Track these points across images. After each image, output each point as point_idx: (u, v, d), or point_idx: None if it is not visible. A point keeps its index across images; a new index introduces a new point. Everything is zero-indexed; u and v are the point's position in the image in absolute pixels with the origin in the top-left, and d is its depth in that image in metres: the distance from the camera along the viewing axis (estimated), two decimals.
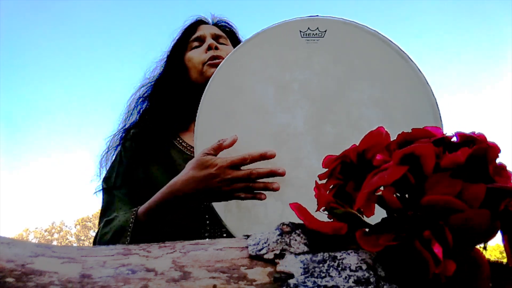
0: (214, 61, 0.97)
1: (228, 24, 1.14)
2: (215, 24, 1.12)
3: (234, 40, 1.11)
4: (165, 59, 1.09)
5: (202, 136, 0.77)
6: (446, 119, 0.72)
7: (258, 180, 0.70)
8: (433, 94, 0.73)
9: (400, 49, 0.74)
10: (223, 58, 0.96)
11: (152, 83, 1.08)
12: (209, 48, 1.00)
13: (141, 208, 0.80)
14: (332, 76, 0.75)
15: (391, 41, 0.74)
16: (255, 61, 0.77)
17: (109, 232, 0.82)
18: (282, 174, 0.70)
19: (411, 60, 0.74)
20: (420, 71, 0.73)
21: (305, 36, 0.76)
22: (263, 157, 0.70)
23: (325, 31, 0.75)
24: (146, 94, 1.07)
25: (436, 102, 0.72)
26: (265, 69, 0.76)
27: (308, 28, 0.76)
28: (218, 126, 0.76)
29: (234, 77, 0.77)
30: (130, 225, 0.79)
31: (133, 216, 0.80)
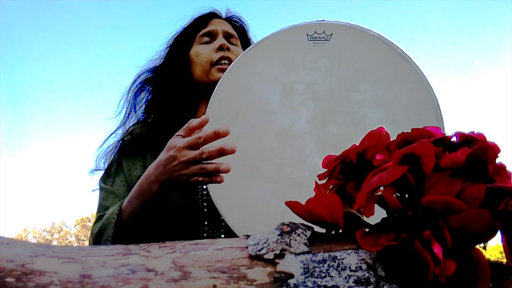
0: (223, 66, 0.95)
1: (241, 20, 1.10)
2: (228, 19, 1.08)
3: (244, 38, 1.08)
4: (168, 49, 1.05)
5: None
6: (447, 117, 0.73)
7: (211, 162, 0.67)
8: (434, 95, 0.74)
9: (403, 51, 0.75)
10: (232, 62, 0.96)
11: (151, 74, 1.04)
12: (220, 48, 0.96)
13: (125, 199, 0.80)
14: (336, 77, 0.76)
15: (394, 44, 0.76)
16: (262, 63, 0.78)
17: (98, 226, 0.82)
18: (231, 152, 0.66)
19: (413, 62, 0.75)
20: (422, 73, 0.74)
21: (311, 39, 0.77)
22: (217, 134, 0.67)
23: (331, 34, 0.77)
24: (145, 88, 1.03)
25: (438, 102, 0.73)
26: (272, 70, 0.78)
27: (315, 31, 0.77)
28: (224, 125, 0.76)
29: (241, 79, 0.78)
30: (114, 216, 0.78)
31: (118, 208, 0.79)
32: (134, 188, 0.77)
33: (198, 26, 1.03)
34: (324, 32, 0.77)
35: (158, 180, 0.71)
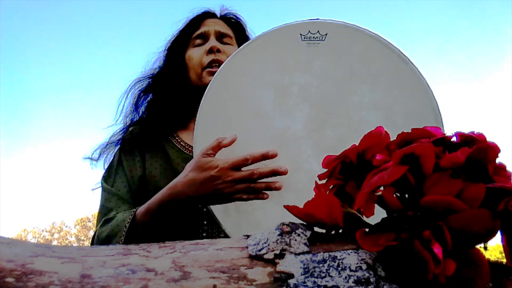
0: (214, 69, 0.94)
1: (236, 17, 1.09)
2: (223, 17, 1.07)
3: (241, 35, 1.07)
4: (165, 53, 1.05)
5: (201, 142, 0.76)
6: (447, 120, 0.72)
7: (259, 181, 0.70)
8: (434, 97, 0.72)
9: (401, 52, 0.74)
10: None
11: (151, 77, 1.04)
12: (211, 51, 0.97)
13: (140, 209, 0.80)
14: (332, 79, 0.75)
15: (392, 44, 0.74)
16: (254, 65, 0.76)
17: (105, 231, 0.82)
18: (284, 173, 0.70)
19: (412, 63, 0.73)
20: (421, 74, 0.73)
21: (305, 39, 0.75)
22: (265, 157, 0.70)
23: (326, 34, 0.75)
24: (145, 89, 1.04)
25: (437, 105, 0.72)
26: (265, 72, 0.76)
27: (309, 31, 0.75)
28: (217, 130, 0.75)
29: (233, 81, 0.77)
30: (126, 225, 0.78)
31: (130, 217, 0.79)
32: (154, 203, 0.77)
33: (192, 28, 1.03)
34: (318, 31, 0.75)
35: (191, 198, 0.72)
